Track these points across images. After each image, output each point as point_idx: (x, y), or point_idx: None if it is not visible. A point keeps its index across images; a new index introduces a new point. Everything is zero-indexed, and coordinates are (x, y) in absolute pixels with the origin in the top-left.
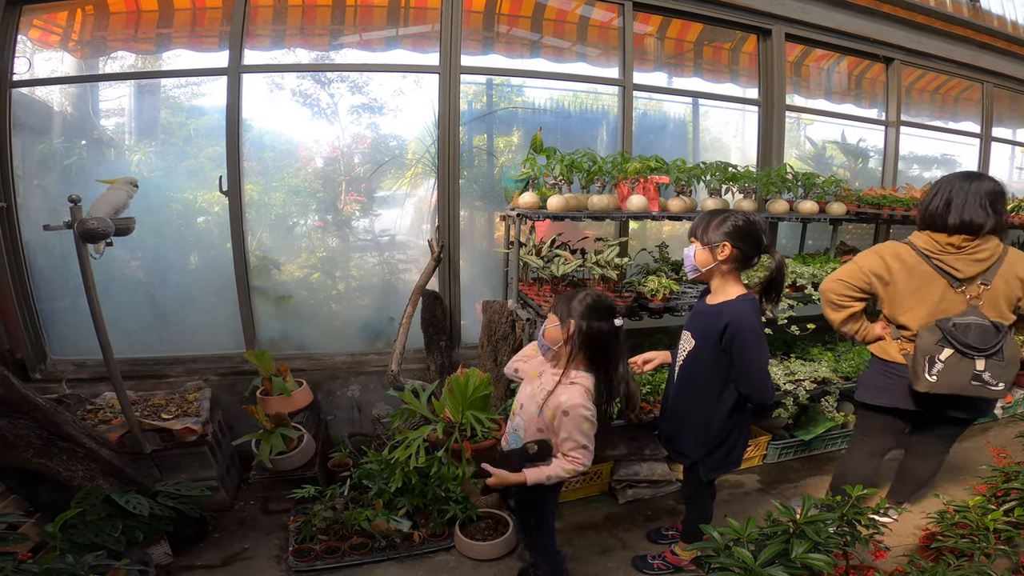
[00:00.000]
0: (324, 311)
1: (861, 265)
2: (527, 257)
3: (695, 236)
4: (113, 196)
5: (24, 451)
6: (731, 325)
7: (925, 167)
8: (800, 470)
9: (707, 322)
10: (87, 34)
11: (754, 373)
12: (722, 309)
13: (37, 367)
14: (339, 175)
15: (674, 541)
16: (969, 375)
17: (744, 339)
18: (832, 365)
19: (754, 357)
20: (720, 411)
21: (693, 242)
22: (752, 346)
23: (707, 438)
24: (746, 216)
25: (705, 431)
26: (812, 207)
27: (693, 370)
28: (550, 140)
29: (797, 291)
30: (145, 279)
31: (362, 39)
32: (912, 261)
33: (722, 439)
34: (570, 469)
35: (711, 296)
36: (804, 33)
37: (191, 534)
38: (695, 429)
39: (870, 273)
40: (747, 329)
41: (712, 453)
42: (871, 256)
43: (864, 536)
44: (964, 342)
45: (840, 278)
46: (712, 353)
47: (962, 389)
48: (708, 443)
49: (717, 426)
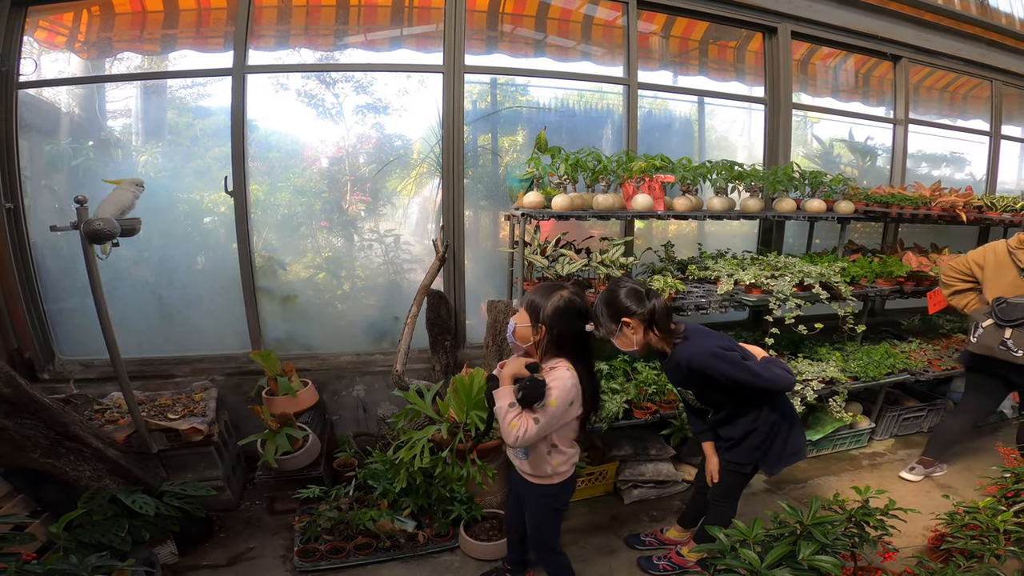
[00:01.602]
0: (329, 311)
1: (968, 256)
2: (532, 257)
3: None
4: (119, 197)
5: (31, 451)
6: (691, 365)
7: (934, 165)
8: (808, 470)
9: (678, 372)
10: (93, 35)
11: (750, 376)
12: (678, 358)
13: (45, 367)
14: (344, 175)
15: (652, 548)
16: (999, 340)
17: (714, 366)
18: (840, 365)
19: (733, 371)
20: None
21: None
22: (724, 366)
23: (756, 443)
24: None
25: (748, 437)
26: (820, 206)
27: (713, 403)
28: (555, 139)
29: (805, 290)
30: (152, 279)
31: (366, 39)
32: (1002, 254)
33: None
34: (507, 427)
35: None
36: (810, 31)
37: (197, 534)
38: (740, 445)
39: (972, 262)
40: (705, 361)
41: (767, 452)
42: (979, 250)
43: (873, 537)
44: (999, 315)
45: (950, 263)
46: (706, 385)
47: (991, 351)
48: (756, 449)
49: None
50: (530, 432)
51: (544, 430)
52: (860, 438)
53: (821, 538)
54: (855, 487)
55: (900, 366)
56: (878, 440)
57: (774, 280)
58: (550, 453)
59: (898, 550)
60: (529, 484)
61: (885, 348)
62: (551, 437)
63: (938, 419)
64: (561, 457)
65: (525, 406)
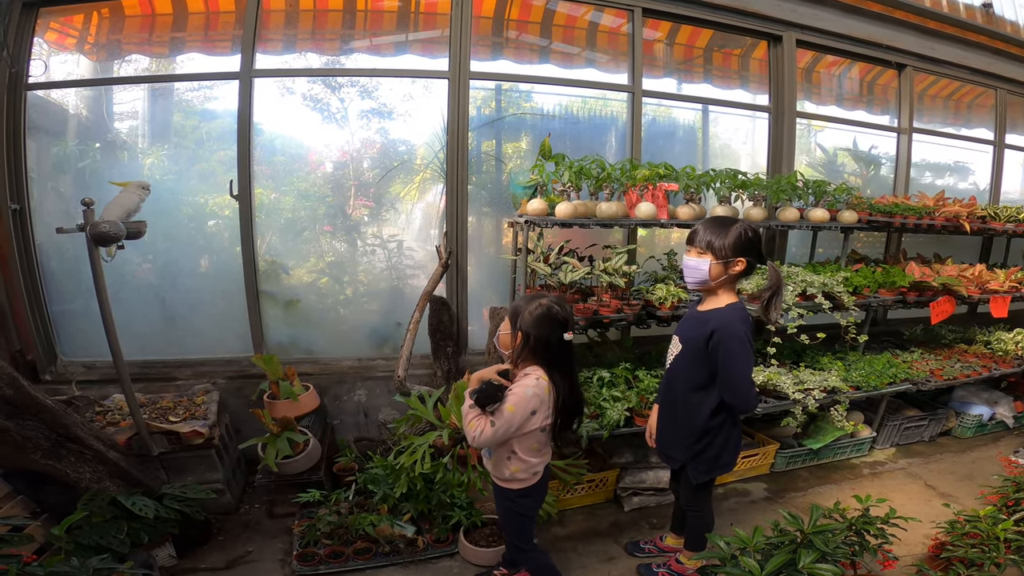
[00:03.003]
0: (332, 316)
1: None
2: (535, 264)
3: (704, 247)
4: (125, 199)
5: (32, 452)
6: (717, 332)
7: (938, 174)
8: (808, 479)
9: (695, 328)
10: (103, 37)
11: (738, 380)
12: (710, 316)
13: (47, 369)
14: (348, 180)
15: (651, 555)
16: None
17: (729, 347)
18: (842, 374)
19: (738, 365)
20: (701, 413)
21: (699, 253)
22: (737, 354)
23: (691, 441)
24: (753, 227)
25: (689, 434)
26: (823, 215)
27: (677, 372)
28: (559, 146)
29: (807, 300)
30: (155, 282)
31: (372, 44)
32: None
33: (707, 442)
34: (467, 426)
35: (702, 303)
36: (815, 39)
37: (196, 537)
38: (680, 432)
39: None
40: (733, 337)
41: (699, 456)
42: None
43: (873, 546)
44: None
45: None
46: (695, 357)
47: None
48: (693, 446)
49: (700, 428)
50: (486, 434)
51: (501, 434)
52: (861, 447)
53: (822, 546)
54: (856, 496)
55: (902, 376)
56: (879, 449)
57: None
58: (509, 459)
59: (898, 558)
60: (494, 483)
61: (887, 358)
62: (511, 443)
63: (939, 428)
64: (520, 464)
65: (480, 407)
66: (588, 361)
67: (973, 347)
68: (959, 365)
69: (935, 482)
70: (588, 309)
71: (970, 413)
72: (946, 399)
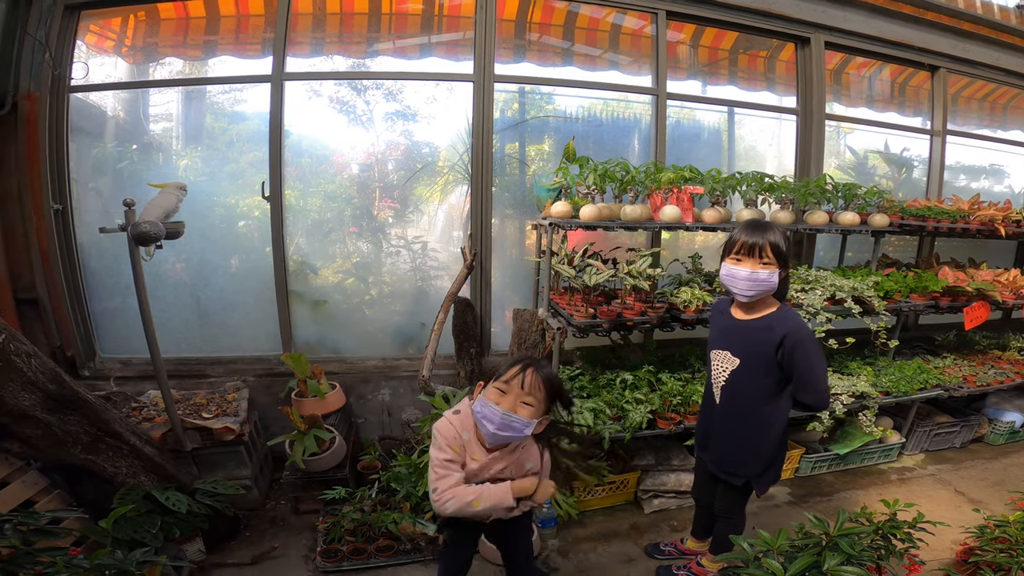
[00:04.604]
0: (357, 316)
1: None
2: (559, 266)
3: (772, 258)
4: (164, 200)
5: (73, 447)
6: (791, 336)
7: (972, 177)
8: (834, 484)
9: (756, 337)
10: (140, 40)
11: (820, 380)
12: (770, 323)
13: (86, 364)
14: (373, 181)
15: (671, 558)
16: None
17: (806, 348)
18: (871, 380)
19: (816, 365)
20: (777, 425)
21: (765, 265)
22: (814, 354)
23: (766, 454)
24: (785, 231)
25: (763, 447)
26: (853, 218)
27: (738, 388)
28: (582, 148)
29: (836, 304)
30: (189, 281)
31: (396, 47)
32: None
33: (779, 452)
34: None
35: (745, 310)
36: (845, 41)
37: (225, 532)
38: (752, 447)
39: None
40: (808, 338)
41: (769, 468)
42: None
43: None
44: None
45: None
46: (763, 367)
47: None
48: (767, 459)
49: (776, 439)
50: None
51: (436, 482)
52: (889, 452)
53: (848, 549)
54: (883, 500)
55: (933, 381)
56: (908, 455)
57: (804, 293)
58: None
59: (924, 563)
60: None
61: (918, 363)
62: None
63: (971, 435)
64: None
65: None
66: (611, 363)
67: (1007, 353)
68: (993, 371)
69: (965, 488)
70: (612, 312)
71: (1003, 420)
72: (979, 406)
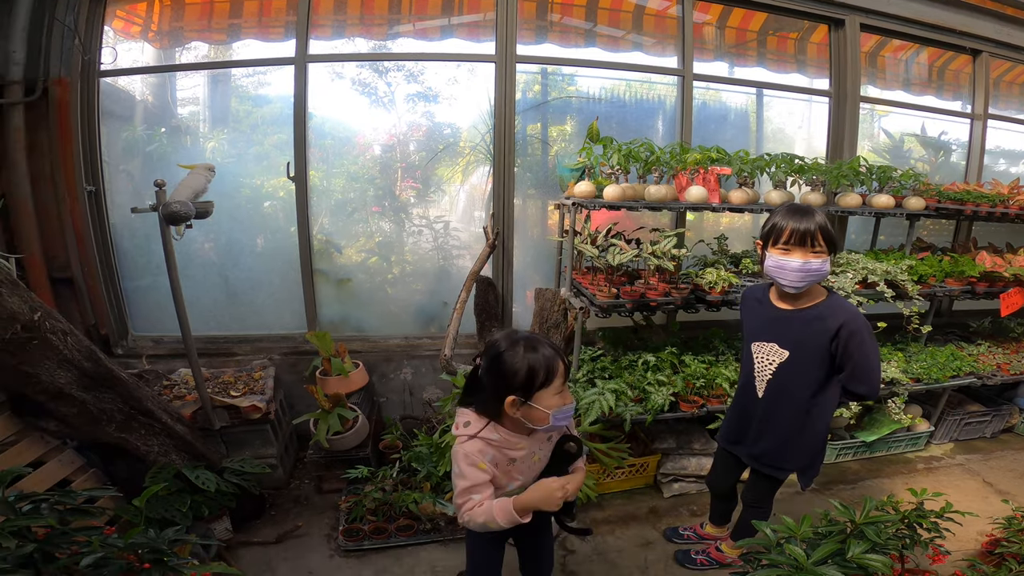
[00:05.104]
0: (380, 295)
1: None
2: (581, 246)
3: (823, 246)
4: (193, 181)
5: (107, 425)
6: (848, 325)
7: (1013, 162)
8: (859, 471)
9: (809, 328)
10: (165, 24)
11: (873, 371)
12: (823, 313)
13: (119, 343)
14: (395, 162)
15: (690, 542)
16: None
17: (863, 337)
18: (902, 366)
19: (872, 355)
20: (826, 416)
21: (816, 254)
22: (870, 343)
23: (814, 446)
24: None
25: (812, 440)
26: (888, 201)
27: (788, 381)
28: (605, 129)
29: (868, 287)
30: (217, 260)
31: (417, 28)
32: None
33: (824, 444)
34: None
35: (791, 300)
36: (881, 24)
37: (251, 511)
38: (801, 440)
39: None
40: (864, 327)
41: (816, 458)
42: None
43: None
44: None
45: None
46: (816, 358)
47: None
48: (813, 451)
49: (824, 430)
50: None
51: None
52: (917, 441)
53: (874, 537)
54: (910, 489)
55: (967, 369)
56: (936, 444)
57: (834, 276)
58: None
59: (949, 553)
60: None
61: (951, 350)
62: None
63: (1002, 424)
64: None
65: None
66: (633, 344)
67: None
68: None
69: (993, 479)
70: (635, 292)
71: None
72: (1011, 395)
